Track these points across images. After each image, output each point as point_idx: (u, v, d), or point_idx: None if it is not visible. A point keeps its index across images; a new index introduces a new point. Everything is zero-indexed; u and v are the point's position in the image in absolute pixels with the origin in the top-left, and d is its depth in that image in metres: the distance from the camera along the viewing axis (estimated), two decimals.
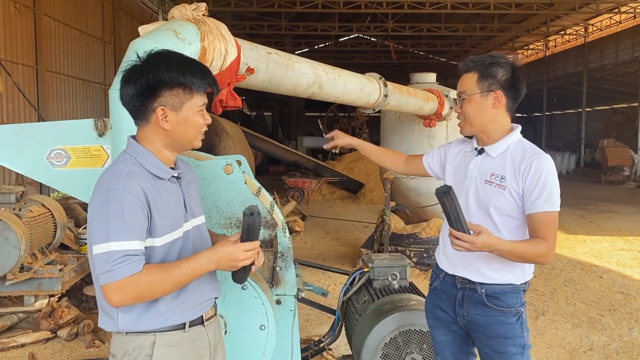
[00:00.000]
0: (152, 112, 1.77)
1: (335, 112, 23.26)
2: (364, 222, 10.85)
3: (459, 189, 2.41)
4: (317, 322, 5.19)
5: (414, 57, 32.69)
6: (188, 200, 1.89)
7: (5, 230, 4.70)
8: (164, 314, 1.77)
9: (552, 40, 28.99)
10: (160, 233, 1.74)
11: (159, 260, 1.75)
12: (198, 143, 1.87)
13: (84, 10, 14.44)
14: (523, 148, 2.27)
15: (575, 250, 8.77)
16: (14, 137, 2.77)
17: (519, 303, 2.28)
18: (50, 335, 4.69)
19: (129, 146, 1.82)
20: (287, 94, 3.66)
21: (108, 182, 1.70)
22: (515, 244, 2.16)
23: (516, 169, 2.22)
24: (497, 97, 2.25)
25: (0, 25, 10.56)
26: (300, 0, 19.28)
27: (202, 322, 1.90)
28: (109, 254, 1.63)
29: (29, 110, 10.98)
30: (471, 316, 2.33)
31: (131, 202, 1.66)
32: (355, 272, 3.67)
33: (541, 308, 5.77)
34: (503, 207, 2.24)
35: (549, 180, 2.17)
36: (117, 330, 1.77)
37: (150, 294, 1.69)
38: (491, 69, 2.24)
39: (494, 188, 2.26)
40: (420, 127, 6.68)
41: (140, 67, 1.75)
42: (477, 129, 2.33)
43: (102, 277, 1.63)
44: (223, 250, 1.77)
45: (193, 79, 1.77)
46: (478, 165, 2.35)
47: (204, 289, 1.90)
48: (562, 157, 25.46)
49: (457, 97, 2.38)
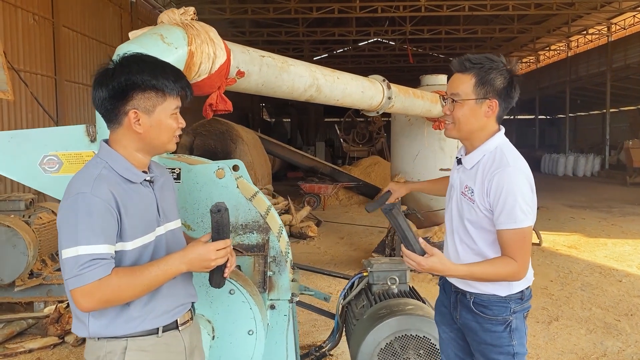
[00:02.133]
0: (125, 115, 1.75)
1: (352, 117, 23.21)
2: (379, 227, 10.75)
3: (448, 198, 2.41)
4: (324, 327, 5.14)
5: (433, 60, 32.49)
6: (161, 204, 1.87)
7: (13, 237, 4.77)
8: (136, 319, 1.75)
9: (574, 41, 28.50)
10: (130, 237, 1.73)
11: (130, 264, 1.73)
12: (172, 146, 1.85)
13: (102, 21, 14.70)
14: (493, 159, 2.14)
15: (595, 253, 8.55)
16: (7, 144, 2.79)
17: (507, 313, 2.18)
18: (57, 341, 4.73)
19: (101, 150, 1.81)
20: (284, 97, 3.64)
21: (76, 186, 1.69)
22: (472, 267, 2.10)
23: (483, 183, 2.13)
24: (492, 106, 2.16)
25: (19, 36, 10.80)
26: (317, 6, 19.33)
27: (177, 327, 1.87)
28: (77, 257, 1.61)
29: (47, 119, 11.18)
30: (463, 320, 2.30)
31: (99, 205, 1.65)
32: (354, 276, 3.62)
33: (555, 313, 5.62)
34: (475, 220, 2.18)
35: (509, 196, 2.03)
36: (88, 335, 1.75)
37: (119, 297, 1.67)
38: (490, 75, 2.13)
39: (467, 201, 2.20)
40: (430, 129, 6.61)
41: (112, 70, 1.75)
42: (463, 134, 2.23)
43: (71, 282, 1.62)
44: (194, 250, 1.74)
45: (166, 81, 1.75)
46: (459, 175, 2.31)
47: (177, 294, 1.87)
48: (586, 159, 25.02)
49: (447, 96, 2.27)
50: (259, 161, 13.35)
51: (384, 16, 20.95)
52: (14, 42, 10.64)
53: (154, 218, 1.83)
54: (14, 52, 10.52)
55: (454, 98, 2.19)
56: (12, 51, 10.26)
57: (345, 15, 19.74)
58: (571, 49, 29.48)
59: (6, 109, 10.28)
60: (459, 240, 2.27)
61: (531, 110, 35.12)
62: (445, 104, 2.27)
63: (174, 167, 2.89)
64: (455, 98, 2.19)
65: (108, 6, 15.09)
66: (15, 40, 10.68)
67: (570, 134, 30.86)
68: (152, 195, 1.84)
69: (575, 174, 24.95)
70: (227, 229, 1.79)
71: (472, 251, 2.22)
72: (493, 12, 19.38)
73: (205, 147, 12.66)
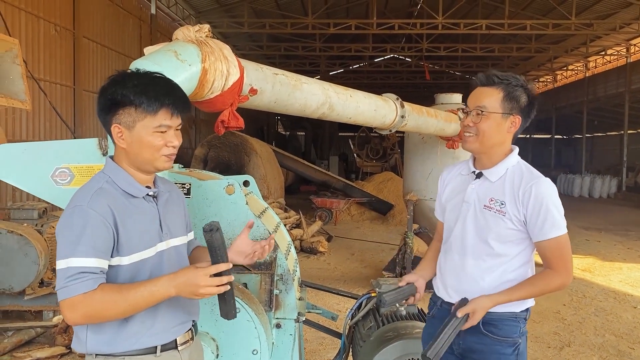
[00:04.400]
0: (111, 129, 1.78)
1: (367, 133, 23.23)
2: (391, 244, 10.69)
3: (456, 215, 2.32)
4: (331, 346, 5.10)
5: (450, 77, 32.50)
6: (165, 220, 1.86)
7: (25, 246, 4.81)
8: (133, 336, 1.74)
9: (593, 61, 28.32)
10: (127, 252, 1.71)
11: (126, 279, 1.72)
12: (162, 164, 1.80)
13: (122, 32, 14.93)
14: (521, 172, 2.18)
15: (610, 278, 8.40)
16: (20, 156, 2.82)
17: (517, 333, 2.17)
18: (64, 351, 4.73)
19: (106, 165, 1.83)
20: (296, 115, 3.64)
21: (75, 199, 1.70)
22: (512, 293, 2.12)
23: (515, 194, 2.13)
24: (515, 122, 2.18)
25: (40, 46, 11.01)
26: (334, 22, 19.47)
27: (176, 347, 1.85)
28: (66, 270, 1.61)
29: (64, 129, 11.33)
30: (467, 344, 2.24)
31: (95, 219, 1.64)
32: (362, 296, 3.58)
33: (567, 339, 5.51)
34: (504, 234, 2.15)
35: (551, 205, 2.09)
36: (85, 351, 1.74)
37: (102, 314, 1.63)
38: (516, 92, 2.16)
39: (494, 214, 2.17)
40: (443, 148, 6.57)
41: (106, 85, 1.77)
42: (484, 148, 2.21)
43: (59, 293, 1.62)
44: (184, 274, 1.67)
45: (144, 98, 1.72)
46: (476, 189, 2.25)
47: (177, 312, 1.85)
48: (602, 181, 24.72)
49: (468, 109, 2.23)
50: (272, 174, 13.39)
51: (400, 33, 21.02)
52: (35, 51, 10.85)
53: (155, 233, 1.81)
54: (35, 61, 10.72)
55: (481, 110, 2.18)
56: (32, 60, 10.45)
57: (363, 31, 19.83)
58: (589, 69, 29.30)
59: (24, 117, 10.45)
60: (473, 256, 2.22)
61: (548, 130, 34.90)
62: (465, 116, 2.24)
63: (185, 182, 2.90)
64: (482, 110, 2.18)
65: (128, 18, 15.33)
66: (36, 50, 10.89)
67: (586, 155, 30.55)
68: (154, 211, 1.83)
69: (591, 195, 24.65)
70: (221, 252, 1.68)
71: (491, 267, 2.19)
72: (510, 31, 19.35)
73: (219, 159, 12.74)
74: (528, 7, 19.91)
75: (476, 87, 2.25)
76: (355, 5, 21.43)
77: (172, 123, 1.78)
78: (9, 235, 4.83)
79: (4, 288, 4.88)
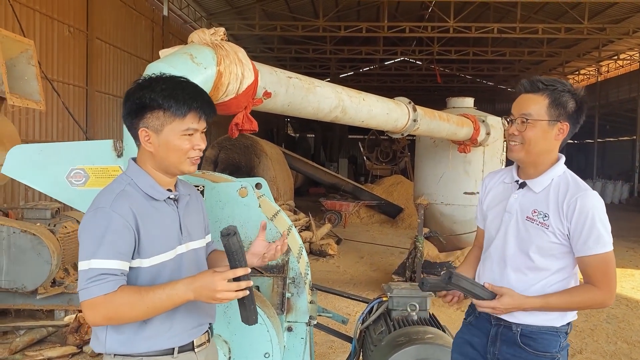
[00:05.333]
0: (139, 133, 1.79)
1: (377, 135, 23.20)
2: (400, 247, 10.66)
3: (497, 225, 2.24)
4: (340, 349, 5.09)
5: (460, 80, 32.40)
6: (185, 223, 1.87)
7: (38, 245, 4.85)
8: (152, 338, 1.75)
9: (605, 65, 28.13)
10: (148, 254, 1.73)
11: (146, 281, 1.73)
12: (187, 168, 1.81)
13: (134, 34, 15.02)
14: (567, 183, 2.10)
15: (622, 284, 8.31)
16: (36, 156, 2.85)
17: (556, 348, 2.08)
18: (76, 350, 4.76)
19: (128, 167, 1.84)
20: (308, 118, 3.65)
21: (98, 201, 1.72)
22: (549, 298, 2.03)
23: (560, 207, 2.05)
24: (563, 129, 2.09)
25: (54, 47, 11.11)
26: (345, 25, 19.48)
27: (193, 348, 1.86)
28: (88, 271, 1.63)
29: (77, 129, 11.41)
30: (503, 355, 2.15)
31: (117, 221, 1.66)
32: (373, 300, 3.58)
33: (579, 346, 5.46)
34: (547, 247, 2.07)
35: (597, 220, 2.00)
36: (104, 351, 1.75)
37: (122, 315, 1.65)
38: (563, 98, 2.07)
39: (536, 226, 2.08)
40: (455, 152, 6.55)
41: (132, 89, 1.78)
42: (531, 157, 2.13)
43: (80, 294, 1.64)
44: (202, 278, 1.67)
45: (172, 102, 1.73)
46: (519, 199, 2.17)
47: (196, 314, 1.86)
48: (614, 186, 24.52)
49: (513, 116, 2.15)
50: (281, 176, 13.41)
51: (411, 36, 20.99)
52: (49, 52, 10.95)
53: (175, 236, 1.83)
54: (49, 62, 10.81)
55: (526, 118, 2.10)
56: (46, 61, 10.54)
57: (373, 34, 19.83)
58: (601, 74, 29.11)
59: (37, 118, 10.54)
60: (513, 268, 2.14)
61: None
62: (510, 125, 2.16)
63: (198, 184, 2.91)
64: (527, 118, 2.10)
65: (140, 20, 15.42)
66: (50, 51, 10.99)
67: (598, 160, 30.32)
68: (175, 214, 1.85)
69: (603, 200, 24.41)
70: (239, 256, 1.67)
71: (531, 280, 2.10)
72: (522, 34, 19.26)
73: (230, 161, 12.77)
74: (540, 10, 19.79)
75: (520, 94, 2.17)
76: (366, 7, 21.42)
77: (199, 126, 1.80)
78: (22, 234, 4.88)
79: (17, 287, 4.92)
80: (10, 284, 4.90)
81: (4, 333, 5.05)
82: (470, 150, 6.40)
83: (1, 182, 5.54)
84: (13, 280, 4.90)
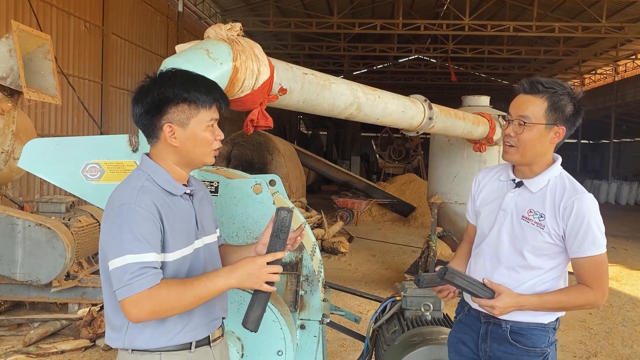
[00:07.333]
0: (160, 129, 1.77)
1: (389, 133, 23.12)
2: (412, 246, 10.61)
3: (491, 222, 2.25)
4: (352, 347, 5.07)
5: (475, 79, 32.14)
6: (200, 218, 1.88)
7: (53, 239, 4.88)
8: (170, 332, 1.74)
9: (622, 65, 27.75)
10: (171, 248, 1.72)
11: (170, 276, 1.72)
12: (210, 159, 1.84)
13: (149, 29, 15.08)
14: (563, 184, 2.10)
15: (638, 287, 8.21)
16: (52, 150, 2.86)
17: (545, 343, 2.11)
18: (89, 344, 4.79)
19: (143, 163, 1.83)
20: (323, 115, 3.62)
21: (120, 197, 1.70)
22: (544, 297, 2.06)
23: (556, 208, 2.06)
24: (559, 133, 2.09)
25: (70, 42, 11.19)
26: (359, 22, 19.40)
27: (209, 343, 1.85)
28: (125, 267, 1.59)
29: (92, 124, 11.49)
30: (494, 352, 2.18)
31: (145, 215, 1.65)
32: (387, 300, 3.55)
33: (594, 349, 5.39)
34: (541, 247, 2.08)
35: (592, 223, 2.01)
36: (123, 346, 1.74)
37: (168, 308, 1.64)
38: (562, 102, 2.06)
39: (532, 226, 2.09)
40: (470, 151, 6.49)
41: (147, 86, 1.77)
42: (526, 159, 2.13)
43: (120, 292, 1.60)
44: (243, 266, 1.72)
45: (197, 94, 1.75)
46: (515, 198, 2.17)
47: (213, 308, 1.86)
48: (630, 187, 24.21)
49: (510, 117, 2.14)
50: (294, 173, 13.40)
51: (426, 34, 20.86)
52: (65, 47, 11.03)
53: (192, 231, 1.83)
54: (65, 57, 10.89)
55: (523, 120, 2.08)
56: (62, 56, 10.62)
57: (388, 31, 19.73)
58: (618, 74, 28.72)
59: (53, 112, 10.63)
60: (506, 266, 2.15)
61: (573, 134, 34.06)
62: (507, 125, 2.15)
63: (213, 180, 2.90)
64: (525, 121, 2.08)
65: (155, 15, 15.48)
66: (66, 46, 11.07)
67: (614, 160, 29.96)
68: (191, 209, 1.85)
69: (618, 202, 24.15)
70: (284, 237, 1.76)
71: (523, 278, 2.12)
72: (538, 33, 19.04)
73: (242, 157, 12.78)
74: (557, 9, 19.55)
75: (519, 94, 2.14)
76: (381, 5, 21.30)
77: (218, 117, 1.84)
78: (37, 228, 4.91)
79: (31, 280, 4.96)
80: (25, 276, 4.94)
81: (19, 325, 5.09)
82: (486, 149, 6.34)
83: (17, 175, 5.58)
84: (28, 273, 4.94)
